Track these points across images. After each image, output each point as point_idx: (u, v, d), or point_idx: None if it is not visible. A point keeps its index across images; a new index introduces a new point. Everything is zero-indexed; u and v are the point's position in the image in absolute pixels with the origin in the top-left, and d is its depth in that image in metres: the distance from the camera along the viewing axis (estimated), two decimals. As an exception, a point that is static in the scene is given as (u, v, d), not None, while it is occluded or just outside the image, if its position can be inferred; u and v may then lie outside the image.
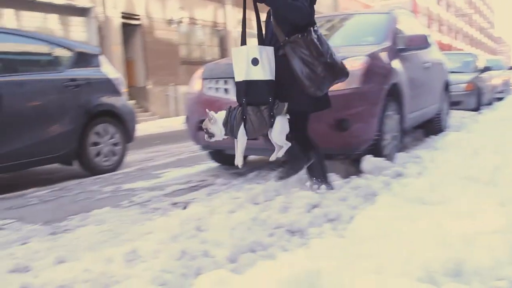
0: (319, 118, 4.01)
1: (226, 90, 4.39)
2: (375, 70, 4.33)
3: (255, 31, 3.52)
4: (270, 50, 3.30)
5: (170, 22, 17.57)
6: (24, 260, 2.75)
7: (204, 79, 4.64)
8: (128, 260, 2.31)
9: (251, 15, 3.43)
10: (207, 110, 3.36)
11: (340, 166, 4.25)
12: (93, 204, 4.09)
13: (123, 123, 5.60)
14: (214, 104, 4.36)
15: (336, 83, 3.46)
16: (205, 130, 3.38)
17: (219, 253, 2.34)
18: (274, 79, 3.26)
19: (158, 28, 17.30)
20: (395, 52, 4.94)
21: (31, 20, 13.54)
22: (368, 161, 4.07)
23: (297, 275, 1.53)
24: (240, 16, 3.41)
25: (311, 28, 3.22)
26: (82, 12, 15.04)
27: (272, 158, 3.38)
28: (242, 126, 3.22)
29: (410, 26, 6.10)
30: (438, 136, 6.33)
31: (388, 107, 4.48)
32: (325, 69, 3.23)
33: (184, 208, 3.56)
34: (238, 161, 3.35)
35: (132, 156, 6.52)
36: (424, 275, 1.82)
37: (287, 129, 3.26)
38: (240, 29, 3.57)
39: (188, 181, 4.79)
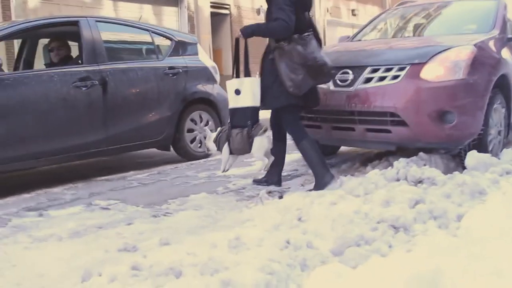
0: (421, 110, 3.86)
1: (321, 80, 4.32)
2: (482, 61, 4.07)
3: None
4: (253, 80, 3.85)
5: (258, 11, 17.66)
6: (131, 240, 2.90)
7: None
8: (232, 246, 2.34)
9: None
10: (205, 128, 4.39)
11: (440, 161, 4.05)
12: (190, 189, 4.21)
13: (217, 110, 5.71)
14: (310, 94, 4.32)
15: (318, 84, 3.88)
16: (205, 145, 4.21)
17: (322, 245, 2.31)
18: (257, 105, 3.81)
19: (246, 17, 17.45)
20: (505, 41, 4.62)
21: (127, 10, 14.17)
22: (473, 157, 3.84)
23: (419, 273, 1.46)
24: (328, 4, 3.74)
25: (296, 36, 3.66)
26: (174, 2, 15.50)
27: (259, 169, 4.03)
28: (226, 144, 3.88)
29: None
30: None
31: (495, 100, 4.21)
32: (305, 72, 3.66)
33: (280, 197, 3.57)
34: (221, 169, 4.03)
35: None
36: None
37: (265, 146, 3.82)
38: (327, 17, 3.88)
39: (280, 170, 4.79)
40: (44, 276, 2.46)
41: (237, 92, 3.84)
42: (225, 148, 3.91)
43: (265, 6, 3.92)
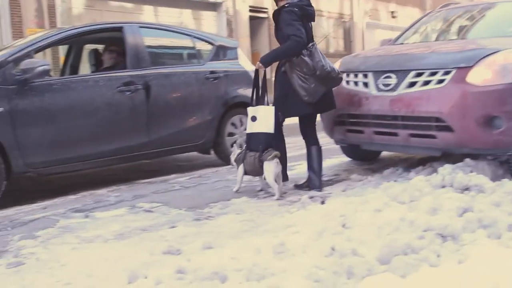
0: (468, 115, 3.76)
1: (365, 84, 4.27)
2: (533, 64, 3.93)
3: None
4: (268, 109, 4.11)
5: (296, 14, 17.64)
6: (175, 243, 2.93)
7: (341, 72, 4.56)
8: (277, 252, 2.34)
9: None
10: (234, 145, 4.58)
11: (487, 167, 3.93)
12: (230, 193, 4.23)
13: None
14: (353, 98, 4.28)
15: (329, 89, 4.07)
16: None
17: (368, 253, 2.28)
18: (270, 132, 4.03)
19: (284, 20, 17.47)
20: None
21: (167, 16, 14.40)
22: (523, 164, 3.71)
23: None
24: (367, 6, 3.87)
25: (309, 46, 3.95)
26: (214, 6, 15.67)
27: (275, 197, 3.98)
28: (241, 165, 4.14)
29: None
30: None
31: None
32: (316, 81, 3.91)
33: (322, 202, 3.54)
34: (235, 188, 4.27)
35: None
36: None
37: (273, 170, 3.93)
38: (366, 20, 3.95)
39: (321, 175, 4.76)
40: (92, 276, 2.51)
41: (253, 118, 4.12)
42: (240, 168, 4.17)
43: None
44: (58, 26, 11.15)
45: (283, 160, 4.16)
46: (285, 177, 4.22)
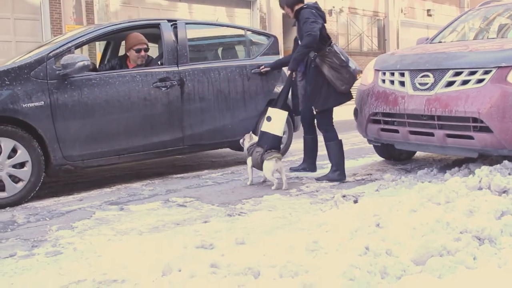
0: (507, 116, 3.67)
1: (402, 83, 4.22)
2: None
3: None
4: (282, 114, 4.49)
5: (330, 12, 17.53)
6: (208, 238, 2.95)
7: (377, 70, 4.52)
8: (310, 250, 2.33)
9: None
10: (251, 132, 4.72)
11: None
12: (263, 189, 4.25)
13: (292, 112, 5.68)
14: (388, 97, 4.24)
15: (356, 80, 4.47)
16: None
17: (403, 253, 2.25)
18: (280, 135, 4.46)
19: (317, 18, 17.38)
20: None
21: (202, 13, 14.53)
22: None
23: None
24: (402, 4, 4.22)
25: (333, 43, 4.41)
26: (247, 4, 15.75)
27: (273, 188, 4.30)
28: (249, 158, 4.45)
29: None
30: None
31: None
32: (347, 72, 4.33)
33: (355, 202, 3.52)
34: (248, 182, 4.50)
35: (294, 145, 6.61)
36: None
37: (272, 169, 4.25)
38: (401, 18, 4.24)
39: (354, 174, 4.74)
40: (127, 268, 2.56)
41: (268, 119, 4.49)
42: (249, 161, 4.47)
43: (337, 7, 4.13)
44: (95, 23, 11.38)
45: (313, 153, 4.78)
46: (313, 169, 4.81)
